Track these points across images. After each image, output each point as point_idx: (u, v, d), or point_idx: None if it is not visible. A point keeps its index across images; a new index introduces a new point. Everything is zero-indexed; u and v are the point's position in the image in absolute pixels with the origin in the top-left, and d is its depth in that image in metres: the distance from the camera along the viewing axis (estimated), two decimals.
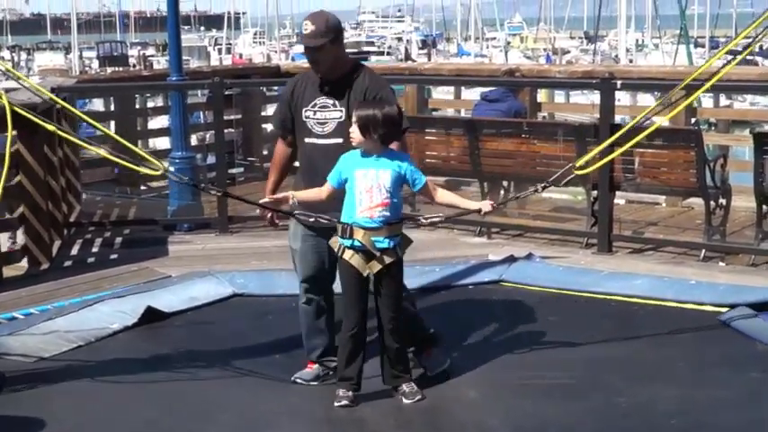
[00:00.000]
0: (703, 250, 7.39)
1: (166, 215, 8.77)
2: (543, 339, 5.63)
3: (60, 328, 5.65)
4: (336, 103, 4.95)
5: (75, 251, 7.86)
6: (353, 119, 4.69)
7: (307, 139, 5.01)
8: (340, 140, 4.88)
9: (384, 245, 4.65)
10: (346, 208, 4.70)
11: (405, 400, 4.76)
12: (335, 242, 4.75)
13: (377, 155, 4.68)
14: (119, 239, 8.22)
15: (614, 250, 7.54)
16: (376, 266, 4.66)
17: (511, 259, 7.17)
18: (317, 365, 5.09)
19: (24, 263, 7.26)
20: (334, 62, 4.94)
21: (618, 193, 7.92)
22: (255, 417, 4.70)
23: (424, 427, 4.71)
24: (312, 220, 4.87)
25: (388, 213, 4.64)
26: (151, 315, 5.98)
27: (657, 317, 5.95)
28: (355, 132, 4.65)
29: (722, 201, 7.62)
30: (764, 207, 7.29)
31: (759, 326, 5.59)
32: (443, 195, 4.99)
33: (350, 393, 4.74)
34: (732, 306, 5.90)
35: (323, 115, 4.97)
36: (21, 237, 7.37)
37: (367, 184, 4.64)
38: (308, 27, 4.88)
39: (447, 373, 5.06)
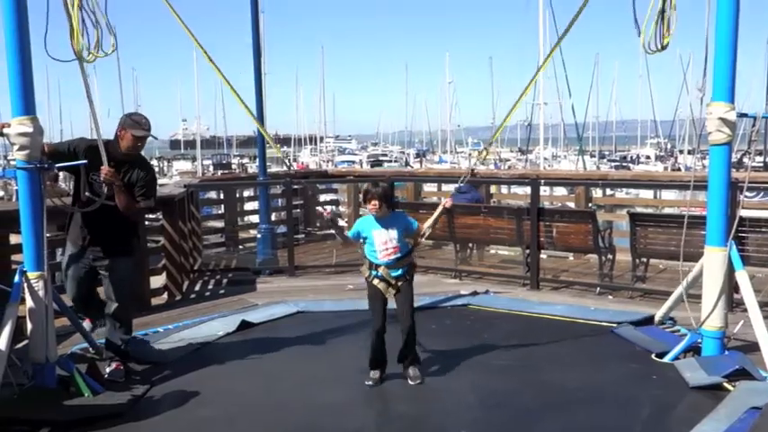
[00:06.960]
0: (598, 288, 7.35)
1: (255, 264, 8.77)
2: (495, 339, 5.60)
3: (187, 337, 5.65)
4: None
5: (197, 288, 7.83)
6: (376, 194, 4.49)
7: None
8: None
9: (397, 273, 4.62)
10: (369, 253, 4.64)
11: (410, 382, 4.64)
12: (365, 272, 4.69)
13: (386, 217, 4.61)
14: (225, 280, 8.18)
15: (541, 287, 7.50)
16: (392, 291, 4.63)
17: (474, 293, 7.16)
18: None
19: (165, 296, 7.26)
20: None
21: (542, 251, 7.89)
22: (313, 382, 4.71)
23: (422, 394, 4.52)
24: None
25: (399, 255, 4.61)
26: (245, 325, 5.98)
27: (569, 328, 5.92)
28: (377, 203, 4.52)
29: (610, 256, 7.61)
30: (636, 261, 7.28)
31: (636, 335, 5.57)
32: (425, 224, 4.88)
33: (377, 375, 4.64)
34: (618, 323, 5.88)
35: None
36: (163, 279, 7.36)
37: (382, 239, 4.60)
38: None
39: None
